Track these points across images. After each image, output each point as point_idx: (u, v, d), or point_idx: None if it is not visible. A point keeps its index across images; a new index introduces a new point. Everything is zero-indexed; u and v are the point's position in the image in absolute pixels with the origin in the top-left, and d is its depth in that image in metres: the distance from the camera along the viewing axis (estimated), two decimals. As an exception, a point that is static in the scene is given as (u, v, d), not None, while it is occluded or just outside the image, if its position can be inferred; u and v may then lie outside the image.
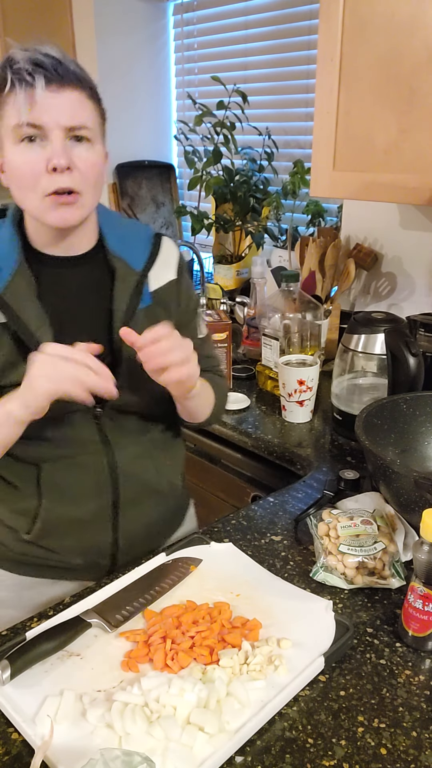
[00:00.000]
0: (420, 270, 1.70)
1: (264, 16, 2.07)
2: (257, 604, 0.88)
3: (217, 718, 0.69)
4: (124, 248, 0.99)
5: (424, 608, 0.80)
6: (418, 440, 1.16)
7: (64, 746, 0.67)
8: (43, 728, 0.69)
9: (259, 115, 2.15)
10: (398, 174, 1.29)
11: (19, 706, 0.72)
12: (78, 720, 0.71)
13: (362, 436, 1.01)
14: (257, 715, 0.70)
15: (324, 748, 0.69)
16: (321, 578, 0.94)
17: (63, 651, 0.80)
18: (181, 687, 0.72)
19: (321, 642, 0.80)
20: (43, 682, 0.76)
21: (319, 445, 1.38)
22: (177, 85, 2.51)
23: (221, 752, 0.67)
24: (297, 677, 0.75)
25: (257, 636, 0.82)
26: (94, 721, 0.70)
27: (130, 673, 0.77)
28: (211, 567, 0.96)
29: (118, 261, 1.00)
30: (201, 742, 0.67)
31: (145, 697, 0.72)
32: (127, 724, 0.69)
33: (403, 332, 1.24)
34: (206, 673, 0.76)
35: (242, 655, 0.78)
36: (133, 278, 1.00)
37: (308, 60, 1.98)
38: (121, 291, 0.99)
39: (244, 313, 1.92)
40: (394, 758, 0.68)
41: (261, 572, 0.95)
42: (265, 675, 0.76)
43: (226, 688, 0.73)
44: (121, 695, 0.72)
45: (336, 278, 1.79)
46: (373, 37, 1.26)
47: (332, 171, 1.41)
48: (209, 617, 0.84)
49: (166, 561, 0.96)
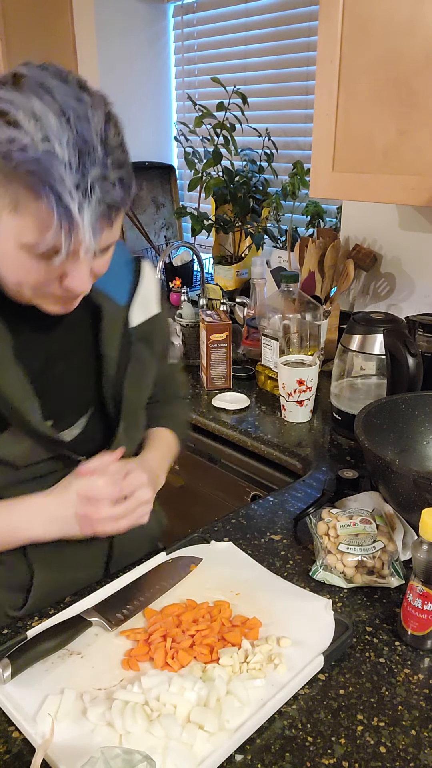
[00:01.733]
0: (419, 270, 1.70)
1: (264, 17, 2.08)
2: (257, 603, 0.88)
3: (217, 717, 0.70)
4: (106, 279, 0.81)
5: (423, 607, 0.80)
6: (417, 440, 1.16)
7: (65, 744, 0.68)
8: (44, 726, 0.69)
9: (258, 116, 2.16)
10: (397, 175, 1.29)
11: (19, 704, 0.73)
12: (78, 718, 0.71)
13: (361, 436, 1.02)
14: (257, 714, 0.71)
15: (323, 747, 0.69)
16: (320, 577, 0.94)
17: (64, 650, 0.80)
18: (181, 685, 0.72)
19: (320, 641, 0.80)
20: (43, 680, 0.76)
21: (318, 445, 1.38)
22: (177, 86, 2.52)
23: (221, 751, 0.67)
24: (296, 676, 0.75)
25: (257, 635, 0.82)
26: (94, 719, 0.70)
27: (131, 672, 0.77)
28: (211, 566, 0.96)
29: (102, 297, 0.87)
30: (201, 741, 0.67)
31: (145, 695, 0.72)
32: (127, 722, 0.69)
33: (402, 332, 1.24)
34: (206, 672, 0.76)
35: (242, 653, 0.78)
36: (120, 316, 0.90)
37: (308, 62, 1.98)
38: (109, 333, 0.88)
39: (244, 313, 1.92)
40: (393, 757, 0.69)
41: (261, 571, 0.95)
42: (265, 673, 0.76)
43: (226, 687, 0.73)
44: (122, 694, 0.73)
45: (335, 279, 1.79)
46: (372, 39, 1.27)
47: (332, 172, 1.41)
48: (209, 616, 0.84)
49: (166, 560, 0.97)
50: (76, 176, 0.63)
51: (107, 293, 0.88)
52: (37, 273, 0.71)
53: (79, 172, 0.63)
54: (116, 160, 0.67)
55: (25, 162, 0.63)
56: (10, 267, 0.72)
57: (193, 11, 2.32)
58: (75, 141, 0.63)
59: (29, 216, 0.66)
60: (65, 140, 0.63)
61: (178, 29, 2.42)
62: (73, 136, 0.63)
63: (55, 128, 0.63)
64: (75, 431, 0.90)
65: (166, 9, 2.42)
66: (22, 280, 0.73)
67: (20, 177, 0.64)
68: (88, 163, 0.64)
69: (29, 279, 0.72)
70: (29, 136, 0.63)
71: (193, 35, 2.36)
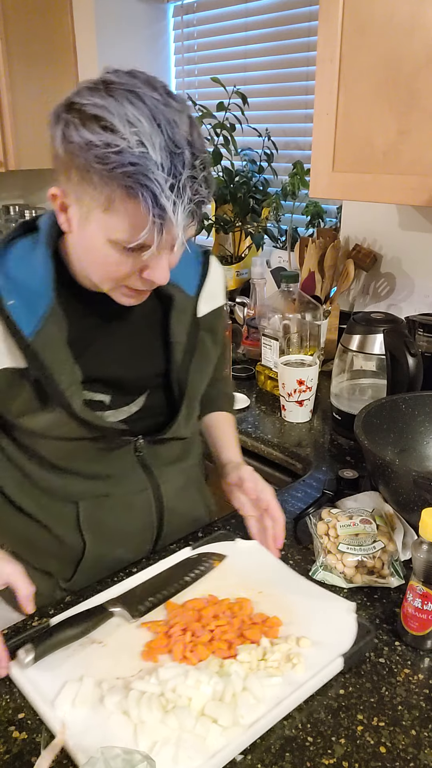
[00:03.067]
0: (419, 270, 1.70)
1: (264, 17, 2.08)
2: (279, 602, 0.88)
3: (232, 712, 0.70)
4: (178, 271, 0.84)
5: (423, 607, 0.80)
6: (417, 440, 1.16)
7: (81, 730, 0.69)
8: (62, 712, 0.71)
9: (258, 116, 2.16)
10: (397, 175, 1.29)
11: (40, 688, 0.75)
12: (96, 705, 0.72)
13: (361, 436, 1.02)
14: (272, 712, 0.71)
15: (324, 747, 0.69)
16: (320, 577, 0.94)
17: (85, 638, 0.81)
18: (197, 679, 0.73)
19: (341, 643, 0.80)
20: (64, 666, 0.78)
21: (318, 445, 1.38)
22: (177, 86, 2.52)
23: (234, 745, 0.68)
24: (314, 676, 0.75)
25: (277, 633, 0.82)
26: (111, 707, 0.72)
27: (149, 663, 0.79)
28: (235, 563, 0.96)
29: (174, 287, 0.92)
30: (214, 734, 0.68)
31: (161, 686, 0.73)
32: (143, 712, 0.70)
33: (402, 332, 1.24)
34: (223, 667, 0.76)
35: (260, 651, 0.79)
36: (190, 305, 0.94)
37: (308, 62, 1.98)
38: (179, 321, 0.93)
39: (244, 313, 1.92)
40: (393, 757, 0.69)
41: (285, 571, 0.95)
42: (283, 672, 0.76)
43: (242, 683, 0.74)
44: (139, 684, 0.74)
45: (335, 279, 1.79)
46: (372, 39, 1.27)
47: (331, 172, 1.41)
48: (230, 612, 0.85)
49: (191, 555, 0.97)
50: (169, 178, 0.68)
51: (178, 284, 0.93)
52: (122, 267, 0.76)
53: (171, 173, 0.68)
54: (202, 161, 0.72)
55: (122, 164, 0.67)
56: (96, 261, 0.78)
57: (193, 11, 2.32)
58: (166, 145, 0.68)
59: (123, 214, 0.71)
60: (158, 144, 0.68)
61: (178, 29, 2.42)
62: (164, 140, 0.68)
63: (149, 133, 0.67)
64: (133, 408, 0.94)
65: (166, 9, 2.42)
66: (105, 274, 0.79)
67: (117, 178, 0.68)
68: (179, 165, 0.69)
69: (113, 272, 0.78)
70: (125, 139, 0.67)
71: (193, 35, 2.36)
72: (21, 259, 0.84)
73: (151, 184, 0.67)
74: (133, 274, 0.78)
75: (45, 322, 0.82)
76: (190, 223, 0.73)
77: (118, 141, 0.67)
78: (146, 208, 0.68)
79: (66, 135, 0.71)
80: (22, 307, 0.81)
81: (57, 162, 0.75)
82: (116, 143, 0.67)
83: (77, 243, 0.80)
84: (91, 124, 0.69)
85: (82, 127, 0.69)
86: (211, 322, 1.00)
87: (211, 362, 1.03)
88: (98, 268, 0.79)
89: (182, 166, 0.69)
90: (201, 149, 0.72)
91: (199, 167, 0.71)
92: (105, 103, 0.69)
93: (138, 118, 0.68)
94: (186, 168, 0.69)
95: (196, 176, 0.70)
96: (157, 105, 0.69)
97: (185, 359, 0.96)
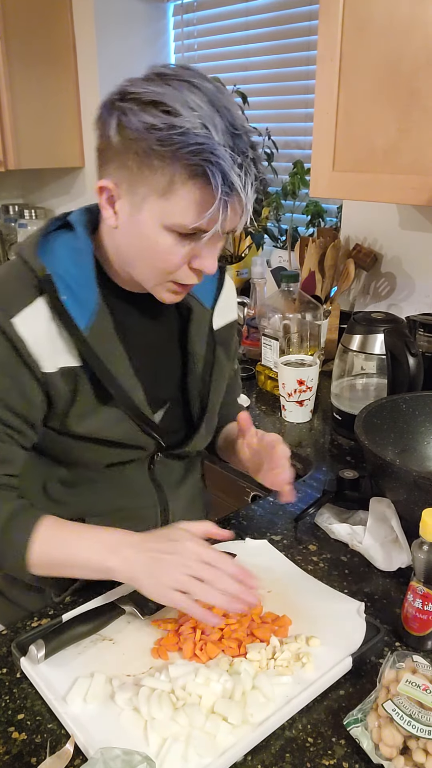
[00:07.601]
0: (419, 270, 1.70)
1: (264, 17, 2.07)
2: (288, 601, 0.88)
3: (241, 710, 0.70)
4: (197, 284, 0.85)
5: (423, 608, 0.80)
6: (418, 440, 1.16)
7: (92, 726, 0.70)
8: (73, 707, 0.72)
9: (258, 115, 2.16)
10: (398, 174, 1.29)
11: (51, 684, 0.75)
12: (106, 701, 0.73)
13: (362, 436, 1.01)
14: (282, 710, 0.71)
15: (324, 748, 0.69)
16: (356, 734, 0.68)
17: (96, 635, 0.82)
18: (207, 677, 0.73)
19: (350, 643, 0.80)
20: (75, 662, 0.78)
21: (318, 445, 1.38)
22: (177, 85, 2.52)
23: (243, 743, 0.68)
24: (323, 675, 0.75)
25: (286, 632, 0.83)
26: (121, 703, 0.72)
27: (160, 660, 0.79)
28: (244, 562, 0.95)
29: (192, 299, 0.93)
30: (224, 732, 0.68)
31: (172, 684, 0.73)
32: (153, 708, 0.70)
33: (402, 332, 1.24)
34: (233, 665, 0.77)
35: (270, 650, 0.79)
36: (207, 318, 0.95)
37: (308, 61, 1.98)
38: (197, 332, 0.93)
39: (244, 313, 1.92)
40: (393, 757, 0.68)
41: (294, 570, 0.95)
42: (292, 671, 0.76)
43: (251, 681, 0.74)
44: (149, 681, 0.74)
45: (335, 278, 1.79)
46: (372, 38, 1.27)
47: (332, 171, 1.41)
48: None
49: None
50: (236, 155, 0.70)
51: (197, 296, 0.93)
52: (174, 256, 0.76)
53: (235, 152, 0.70)
54: (254, 143, 0.74)
55: (187, 144, 0.68)
56: (147, 251, 0.77)
57: (193, 10, 2.32)
58: (227, 127, 0.70)
59: (186, 196, 0.72)
60: (220, 127, 0.70)
61: (178, 28, 2.42)
62: (224, 123, 0.70)
63: (210, 116, 0.69)
64: (155, 419, 0.94)
65: (166, 8, 2.42)
66: (155, 265, 0.78)
67: (181, 159, 0.69)
68: (242, 145, 0.71)
69: (163, 262, 0.77)
70: (188, 121, 0.68)
71: (193, 34, 2.36)
72: (67, 255, 0.83)
73: (220, 161, 0.69)
74: (183, 265, 0.78)
75: (96, 317, 0.82)
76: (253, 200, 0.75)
77: (183, 122, 0.68)
78: (215, 185, 0.70)
79: (122, 122, 0.72)
80: (74, 303, 0.81)
81: (109, 152, 0.75)
82: (180, 124, 0.68)
83: (124, 236, 0.79)
84: (151, 109, 0.70)
85: (141, 112, 0.70)
86: (224, 335, 1.00)
87: (225, 377, 1.03)
88: (148, 259, 0.78)
89: (243, 145, 0.72)
90: (251, 131, 0.75)
91: (253, 149, 0.74)
92: (163, 90, 0.70)
93: (198, 104, 0.69)
94: (247, 148, 0.72)
95: (255, 157, 0.73)
96: (213, 91, 0.72)
97: (205, 371, 0.96)
